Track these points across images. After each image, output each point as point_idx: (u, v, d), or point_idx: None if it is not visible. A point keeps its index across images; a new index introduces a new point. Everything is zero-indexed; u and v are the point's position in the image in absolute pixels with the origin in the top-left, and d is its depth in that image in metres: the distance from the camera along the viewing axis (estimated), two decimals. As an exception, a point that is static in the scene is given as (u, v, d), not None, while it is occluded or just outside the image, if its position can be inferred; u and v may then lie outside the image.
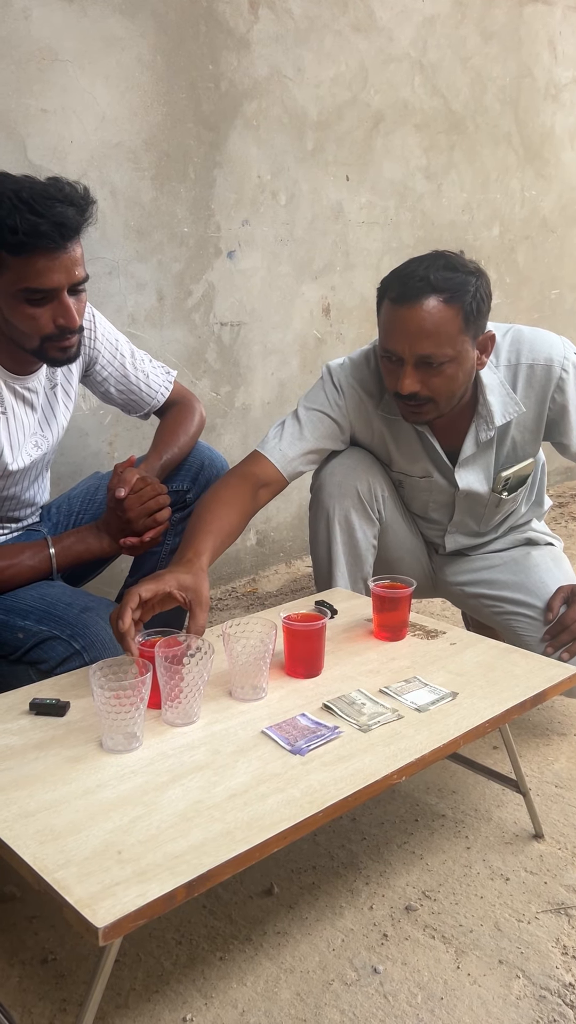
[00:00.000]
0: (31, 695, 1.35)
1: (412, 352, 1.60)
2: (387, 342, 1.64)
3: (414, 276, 1.59)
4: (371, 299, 3.10)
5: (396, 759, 1.21)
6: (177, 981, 1.30)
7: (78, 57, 2.18)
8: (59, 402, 1.76)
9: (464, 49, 3.21)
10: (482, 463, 1.85)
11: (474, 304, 1.60)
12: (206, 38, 2.44)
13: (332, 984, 1.30)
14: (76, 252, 1.49)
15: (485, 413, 1.78)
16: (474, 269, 1.63)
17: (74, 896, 0.93)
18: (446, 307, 1.58)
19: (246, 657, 1.34)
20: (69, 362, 1.60)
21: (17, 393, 1.64)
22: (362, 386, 1.83)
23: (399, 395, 1.66)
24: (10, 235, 1.42)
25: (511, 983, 1.30)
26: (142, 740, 1.23)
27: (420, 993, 1.28)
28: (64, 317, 1.50)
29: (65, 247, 1.46)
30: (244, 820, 1.06)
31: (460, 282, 1.59)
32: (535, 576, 1.88)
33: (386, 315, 1.64)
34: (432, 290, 1.57)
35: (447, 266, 1.60)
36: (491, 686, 1.43)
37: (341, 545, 1.87)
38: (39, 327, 1.51)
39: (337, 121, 2.84)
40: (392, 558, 2.00)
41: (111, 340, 1.83)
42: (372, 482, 1.87)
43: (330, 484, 1.86)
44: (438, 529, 1.99)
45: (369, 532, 1.89)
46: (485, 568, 1.97)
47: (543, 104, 3.61)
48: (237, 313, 2.70)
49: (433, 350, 1.59)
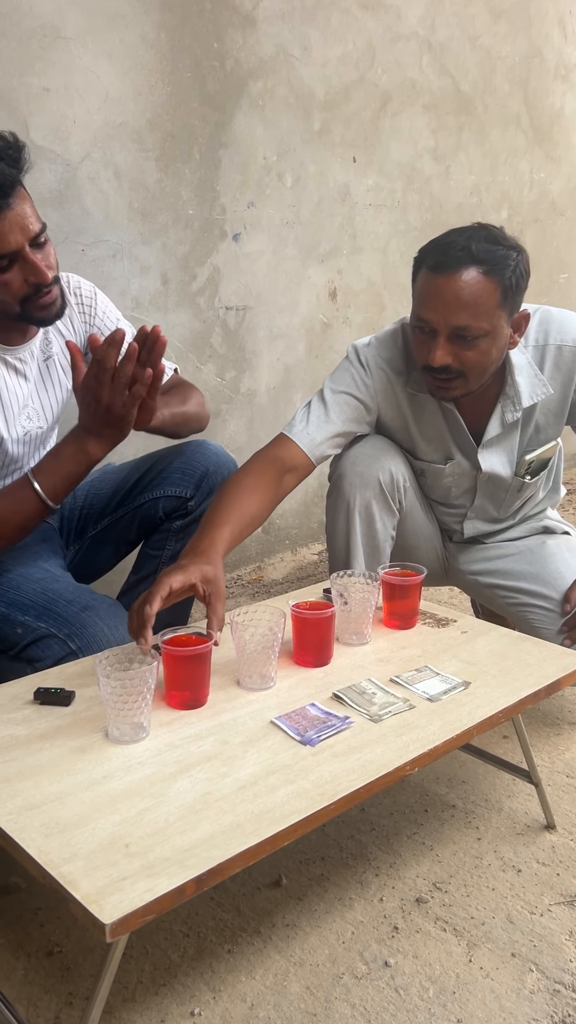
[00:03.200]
0: (36, 684, 1.32)
1: (447, 323, 1.56)
2: (421, 311, 1.60)
3: (455, 245, 1.56)
4: (378, 283, 3.07)
5: (408, 750, 1.18)
6: (185, 974, 1.28)
7: (81, 35, 2.13)
8: (56, 376, 1.72)
9: (473, 28, 3.15)
10: (506, 446, 1.82)
11: (513, 279, 1.57)
12: (211, 15, 2.39)
13: (342, 977, 1.28)
14: (24, 207, 1.43)
15: (512, 394, 1.74)
16: (515, 244, 1.60)
17: (80, 891, 0.90)
18: (485, 279, 1.55)
19: (254, 646, 1.32)
20: (57, 318, 1.56)
21: (8, 364, 1.62)
22: (389, 365, 1.79)
23: (429, 368, 1.62)
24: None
25: (524, 977, 1.28)
26: (149, 730, 1.20)
27: (432, 987, 1.26)
28: (34, 274, 1.47)
29: (9, 204, 1.40)
30: (254, 812, 1.04)
31: (501, 255, 1.56)
32: (551, 566, 1.85)
33: (422, 284, 1.60)
34: (472, 260, 1.54)
35: (489, 238, 1.57)
36: (504, 675, 1.40)
37: (360, 536, 1.83)
38: (14, 292, 1.47)
39: (344, 101, 2.79)
40: (408, 546, 1.97)
41: (112, 317, 1.80)
42: (395, 472, 1.82)
43: (351, 473, 1.81)
44: (457, 515, 1.95)
45: (389, 523, 1.86)
46: (500, 557, 1.94)
47: (553, 84, 3.55)
48: (243, 297, 2.66)
49: (469, 322, 1.55)
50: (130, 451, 2.45)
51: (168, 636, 1.29)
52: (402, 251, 3.09)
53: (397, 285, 3.08)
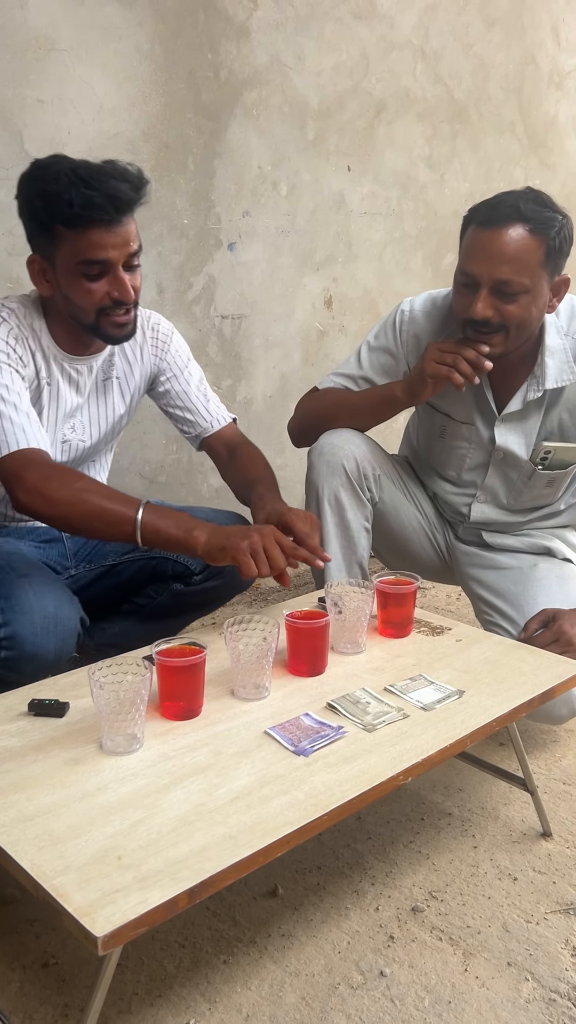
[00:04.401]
0: (30, 695, 1.32)
1: (491, 276, 1.62)
2: (466, 264, 1.65)
3: (504, 203, 1.62)
4: (374, 291, 3.08)
5: (402, 760, 1.18)
6: (180, 985, 1.28)
7: (75, 47, 2.14)
8: (111, 398, 1.78)
9: (467, 36, 3.16)
10: (525, 427, 1.83)
11: (558, 240, 1.62)
12: (205, 26, 2.40)
13: (338, 987, 1.27)
14: (130, 227, 1.55)
15: (539, 373, 1.77)
16: (561, 210, 1.66)
17: (73, 904, 0.91)
18: (531, 236, 1.60)
19: (248, 656, 1.32)
20: (125, 339, 1.64)
21: (64, 371, 1.68)
22: (428, 319, 1.87)
23: (471, 322, 1.66)
24: (67, 208, 1.48)
25: (520, 986, 1.28)
26: (143, 741, 1.20)
27: (428, 996, 1.26)
28: (119, 290, 1.56)
29: (119, 220, 1.52)
30: (247, 824, 1.04)
31: (548, 216, 1.61)
32: (531, 592, 1.84)
33: (469, 238, 1.66)
34: (520, 218, 1.60)
35: (537, 200, 1.63)
36: (498, 683, 1.40)
37: (333, 526, 1.85)
38: (95, 301, 1.56)
39: (338, 110, 2.80)
40: (397, 538, 1.97)
41: (183, 357, 1.86)
42: (360, 459, 1.85)
43: (319, 463, 1.85)
44: (467, 495, 1.95)
45: (360, 513, 1.87)
46: (492, 568, 1.93)
47: (547, 92, 3.56)
48: (238, 306, 2.67)
49: (511, 276, 1.61)
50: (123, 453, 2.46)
51: (162, 647, 1.29)
52: (397, 259, 3.10)
53: (393, 293, 3.09)
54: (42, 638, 1.45)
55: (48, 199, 1.49)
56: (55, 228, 1.52)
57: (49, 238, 1.54)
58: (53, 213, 1.50)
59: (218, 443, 1.88)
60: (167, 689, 1.28)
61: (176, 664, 1.26)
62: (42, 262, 1.58)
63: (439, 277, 3.21)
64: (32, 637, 1.44)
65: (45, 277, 1.59)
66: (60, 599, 1.51)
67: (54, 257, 1.55)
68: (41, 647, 1.45)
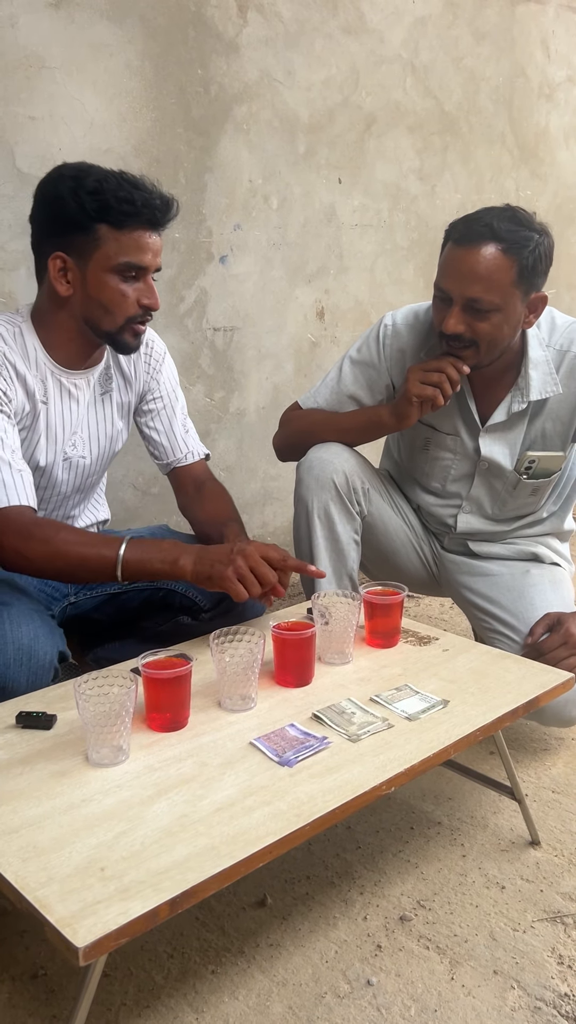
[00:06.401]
0: (18, 708, 1.34)
1: (461, 293, 1.65)
2: (440, 280, 1.70)
3: (479, 221, 1.65)
4: (365, 302, 3.10)
5: (385, 769, 1.19)
6: (168, 995, 1.29)
7: (65, 64, 2.17)
8: (109, 413, 1.77)
9: (456, 49, 3.19)
10: (510, 438, 1.85)
11: (531, 259, 1.64)
12: (195, 43, 2.43)
13: (325, 997, 1.28)
14: (162, 241, 1.59)
15: (523, 385, 1.80)
16: (539, 228, 1.67)
17: (55, 915, 0.92)
18: (503, 256, 1.62)
19: (234, 667, 1.33)
20: (135, 350, 1.66)
21: (63, 387, 1.67)
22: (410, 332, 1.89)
23: (444, 335, 1.70)
24: (125, 205, 1.50)
25: (506, 994, 1.29)
26: (129, 753, 1.22)
27: (414, 1005, 1.27)
28: (148, 297, 1.58)
29: (163, 226, 1.57)
30: (229, 834, 1.05)
31: (523, 236, 1.63)
32: (527, 598, 1.85)
33: (445, 255, 1.70)
34: (493, 237, 1.62)
35: (513, 219, 1.65)
36: (483, 693, 1.41)
37: (322, 539, 1.86)
38: (126, 305, 1.57)
39: (329, 124, 2.82)
40: (384, 551, 1.99)
41: (172, 381, 1.87)
42: (349, 473, 1.87)
43: (308, 478, 1.87)
44: (452, 506, 1.96)
45: (349, 526, 1.89)
46: (483, 576, 1.95)
47: (537, 103, 3.59)
48: (230, 318, 2.69)
49: (481, 295, 1.63)
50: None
51: (148, 659, 1.30)
52: (389, 270, 3.12)
53: (384, 304, 3.11)
54: (14, 670, 1.40)
55: (98, 196, 1.49)
56: (98, 227, 1.51)
57: (87, 236, 1.52)
58: (101, 210, 1.50)
59: (186, 476, 1.87)
60: (153, 701, 1.29)
61: (162, 676, 1.27)
62: (67, 260, 1.55)
63: (431, 288, 3.22)
64: (3, 668, 1.39)
65: (67, 277, 1.56)
66: (37, 632, 1.45)
67: (89, 256, 1.53)
68: (12, 679, 1.40)
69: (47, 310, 1.62)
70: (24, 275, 2.12)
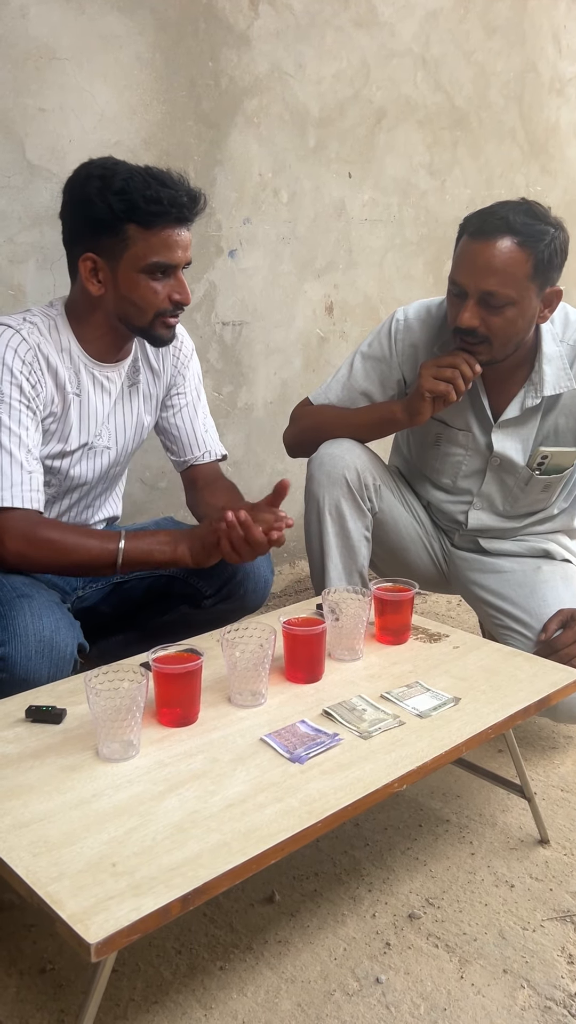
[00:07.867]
0: (27, 702, 1.33)
1: (476, 287, 1.63)
2: (455, 274, 1.68)
3: (495, 215, 1.64)
4: (374, 297, 3.09)
5: (397, 767, 1.19)
6: (176, 991, 1.28)
7: (76, 55, 2.16)
8: (137, 405, 1.78)
9: (467, 44, 3.17)
10: (522, 433, 1.84)
11: (546, 253, 1.63)
12: (205, 35, 2.41)
13: (334, 994, 1.28)
14: (191, 236, 1.59)
15: (537, 380, 1.79)
16: (555, 222, 1.66)
17: (67, 911, 0.91)
18: (518, 249, 1.61)
19: (245, 663, 1.32)
20: (169, 342, 1.67)
21: (95, 380, 1.68)
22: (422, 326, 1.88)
23: (458, 329, 1.69)
24: (153, 205, 1.50)
25: (515, 993, 1.28)
26: (139, 748, 1.21)
27: (423, 1004, 1.26)
28: (179, 292, 1.59)
29: (192, 221, 1.57)
30: (241, 831, 1.04)
31: (538, 230, 1.62)
32: (539, 594, 1.85)
33: (460, 248, 1.69)
34: (508, 230, 1.61)
35: (529, 212, 1.64)
36: (494, 691, 1.41)
37: (333, 536, 1.86)
38: (157, 302, 1.58)
39: (339, 118, 2.81)
40: (395, 548, 1.98)
41: (197, 378, 1.87)
42: (361, 470, 1.86)
43: (319, 474, 1.86)
44: (463, 503, 1.95)
45: (361, 523, 1.88)
46: (494, 573, 1.94)
47: (548, 98, 3.57)
48: (239, 312, 2.68)
49: (497, 288, 1.62)
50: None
51: (159, 654, 1.30)
52: (398, 265, 3.11)
53: (393, 299, 3.10)
54: (35, 662, 1.42)
55: (125, 196, 1.49)
56: (127, 227, 1.51)
57: (116, 237, 1.53)
58: (129, 210, 1.50)
59: (198, 474, 1.87)
60: (163, 696, 1.28)
61: (172, 671, 1.26)
62: (98, 260, 1.55)
63: (440, 284, 3.22)
64: (25, 661, 1.41)
65: (98, 277, 1.57)
66: (58, 624, 1.46)
67: (119, 256, 1.54)
68: (34, 671, 1.41)
69: (81, 305, 1.63)
70: (33, 268, 2.11)
